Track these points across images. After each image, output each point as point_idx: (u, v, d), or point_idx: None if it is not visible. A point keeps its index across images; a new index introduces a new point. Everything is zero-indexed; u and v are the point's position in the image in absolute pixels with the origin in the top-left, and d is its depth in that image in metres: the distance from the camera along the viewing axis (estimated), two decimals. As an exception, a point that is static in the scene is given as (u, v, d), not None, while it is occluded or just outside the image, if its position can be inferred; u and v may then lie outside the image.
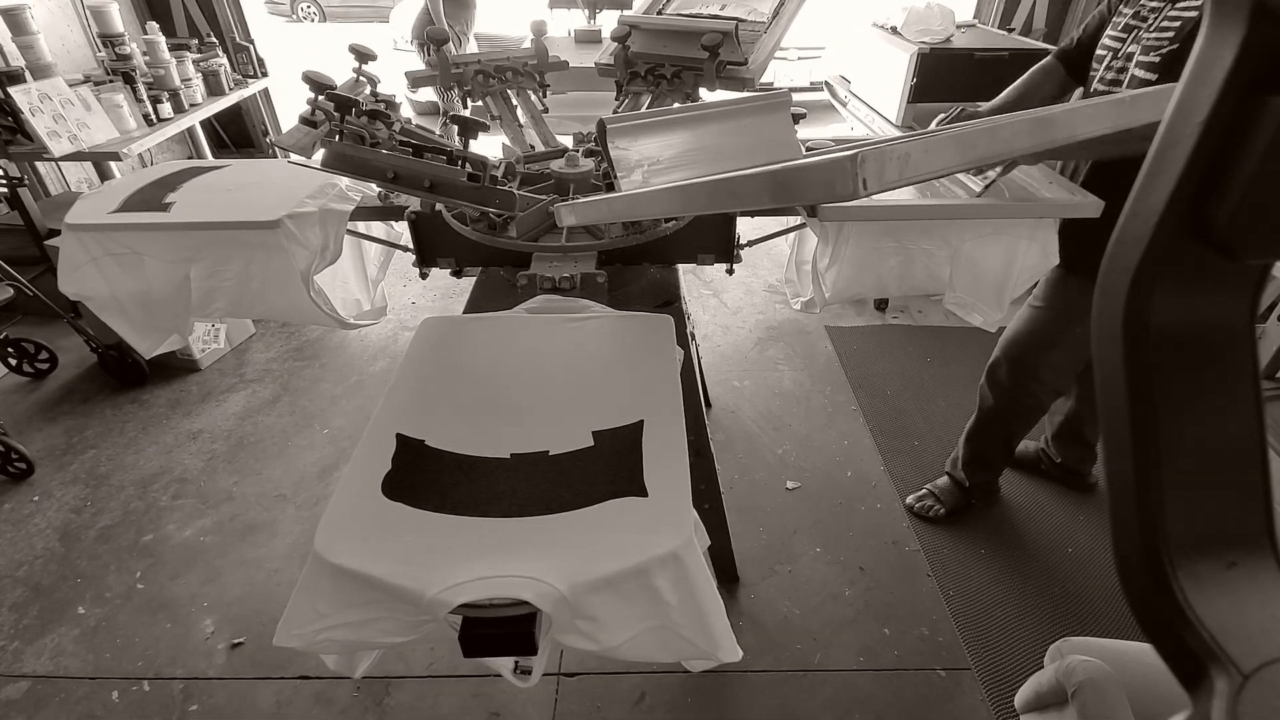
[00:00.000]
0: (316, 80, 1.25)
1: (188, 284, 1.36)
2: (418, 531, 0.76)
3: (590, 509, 0.78)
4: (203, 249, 1.35)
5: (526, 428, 0.89)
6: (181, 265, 1.35)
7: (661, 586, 0.73)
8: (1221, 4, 0.27)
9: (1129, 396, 0.33)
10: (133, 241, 1.33)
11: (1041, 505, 2.18)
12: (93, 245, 1.33)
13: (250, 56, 3.84)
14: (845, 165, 0.44)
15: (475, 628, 0.70)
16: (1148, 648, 0.36)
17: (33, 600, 1.91)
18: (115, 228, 1.33)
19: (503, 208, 1.19)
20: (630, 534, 0.75)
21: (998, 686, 1.68)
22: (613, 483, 0.80)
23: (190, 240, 1.34)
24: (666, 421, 0.90)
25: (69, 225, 1.32)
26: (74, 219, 1.32)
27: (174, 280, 1.36)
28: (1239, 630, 0.32)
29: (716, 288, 3.44)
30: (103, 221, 1.33)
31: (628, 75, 1.66)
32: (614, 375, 1.00)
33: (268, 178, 1.55)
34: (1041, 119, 0.52)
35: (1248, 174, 0.28)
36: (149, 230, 1.34)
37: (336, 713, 1.64)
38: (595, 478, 0.81)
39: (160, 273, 1.35)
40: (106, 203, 1.38)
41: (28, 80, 2.63)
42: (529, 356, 1.05)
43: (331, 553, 0.74)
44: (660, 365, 1.00)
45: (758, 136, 1.31)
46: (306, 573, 0.77)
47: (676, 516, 0.77)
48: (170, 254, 1.35)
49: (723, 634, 0.80)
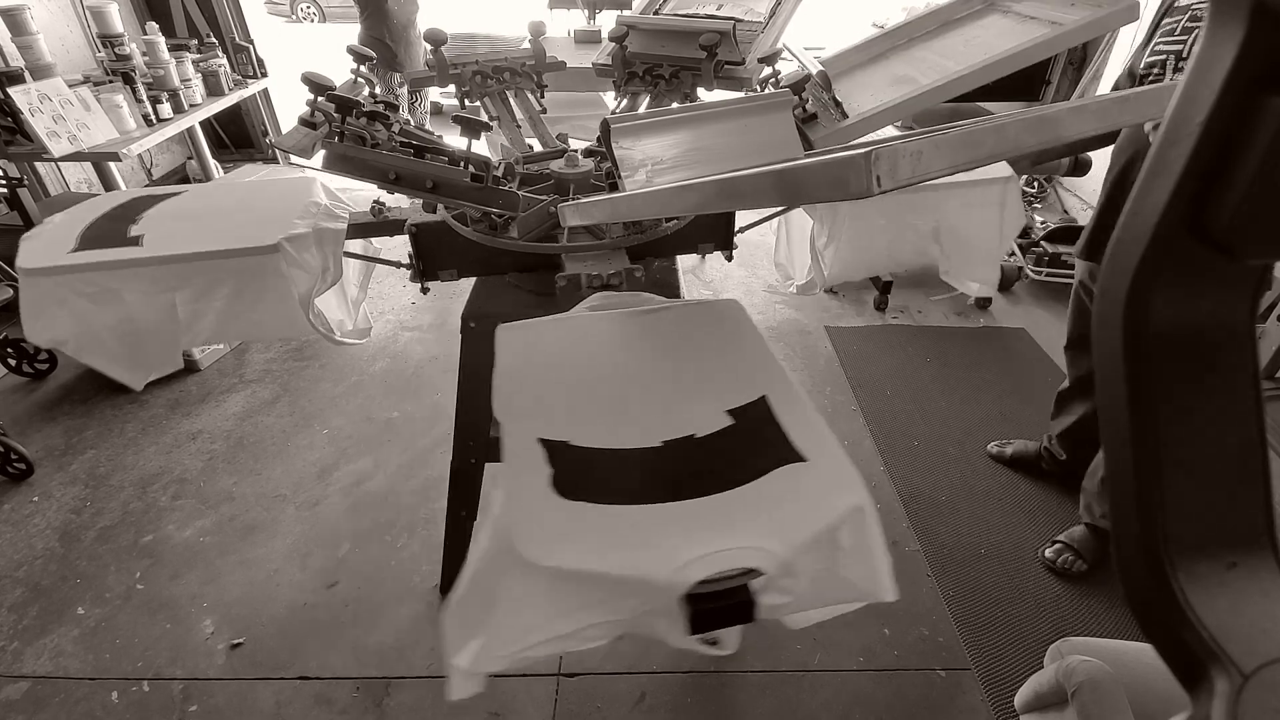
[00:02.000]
0: (316, 81, 1.25)
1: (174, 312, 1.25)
2: (616, 524, 0.75)
3: (763, 480, 0.79)
4: (190, 278, 1.25)
5: (661, 416, 0.90)
6: (165, 295, 1.25)
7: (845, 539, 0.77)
8: (1221, 4, 0.27)
9: (1129, 396, 0.33)
10: (107, 280, 1.21)
11: (1042, 505, 2.19)
12: (60, 288, 1.20)
13: (250, 57, 3.84)
14: (859, 163, 0.44)
15: (699, 603, 0.71)
16: (1148, 648, 0.36)
17: (33, 600, 1.90)
18: (92, 267, 1.20)
19: (505, 208, 1.19)
20: (813, 495, 0.78)
21: (998, 686, 1.68)
22: (771, 454, 0.82)
23: (175, 270, 1.24)
24: (786, 393, 0.93)
25: (27, 271, 1.18)
26: (31, 263, 1.19)
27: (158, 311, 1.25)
28: (1239, 630, 0.32)
29: (716, 288, 3.44)
30: (75, 263, 1.20)
31: (625, 75, 1.66)
32: (713, 359, 1.02)
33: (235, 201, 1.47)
34: (1046, 117, 0.52)
35: (1248, 174, 0.28)
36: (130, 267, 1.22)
37: (336, 713, 1.64)
38: (752, 452, 0.83)
39: (142, 305, 1.24)
40: (59, 242, 1.26)
41: (27, 80, 2.63)
42: (627, 351, 1.04)
43: (544, 557, 0.70)
44: (751, 344, 1.03)
45: (760, 136, 1.31)
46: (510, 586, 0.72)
47: (845, 473, 0.81)
48: (152, 287, 1.24)
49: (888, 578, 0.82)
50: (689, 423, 0.87)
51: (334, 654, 1.76)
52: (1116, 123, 0.58)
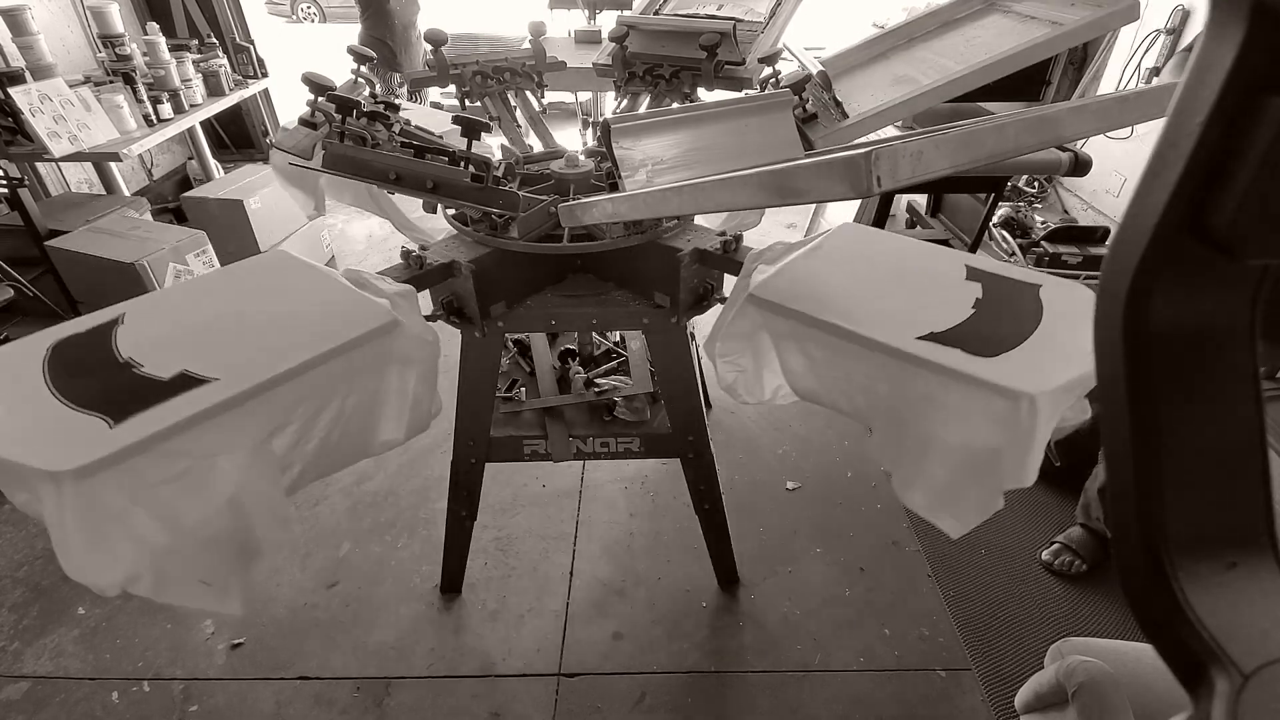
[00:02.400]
0: (316, 82, 1.25)
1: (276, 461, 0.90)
2: None
3: None
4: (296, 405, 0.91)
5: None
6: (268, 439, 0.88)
7: None
8: (1221, 4, 0.27)
9: (1129, 396, 0.33)
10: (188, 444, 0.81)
11: (1041, 506, 2.18)
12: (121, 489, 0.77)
13: (250, 57, 3.84)
14: (859, 163, 0.44)
15: None
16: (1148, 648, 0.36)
17: (33, 600, 1.91)
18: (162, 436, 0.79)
19: (506, 208, 1.19)
20: None
21: (998, 687, 1.68)
22: None
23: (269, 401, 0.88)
24: None
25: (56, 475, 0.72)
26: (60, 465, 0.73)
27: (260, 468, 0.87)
28: (1239, 630, 0.32)
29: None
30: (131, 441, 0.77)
31: (626, 75, 1.67)
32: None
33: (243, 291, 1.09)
34: (1046, 118, 0.52)
35: (1248, 174, 0.28)
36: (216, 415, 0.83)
37: (336, 713, 1.64)
38: None
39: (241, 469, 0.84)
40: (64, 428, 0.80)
41: (28, 81, 2.63)
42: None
43: None
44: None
45: (761, 136, 1.31)
46: None
47: None
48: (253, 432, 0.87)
49: None
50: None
51: (334, 654, 1.76)
52: (1117, 123, 0.59)
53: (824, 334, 0.98)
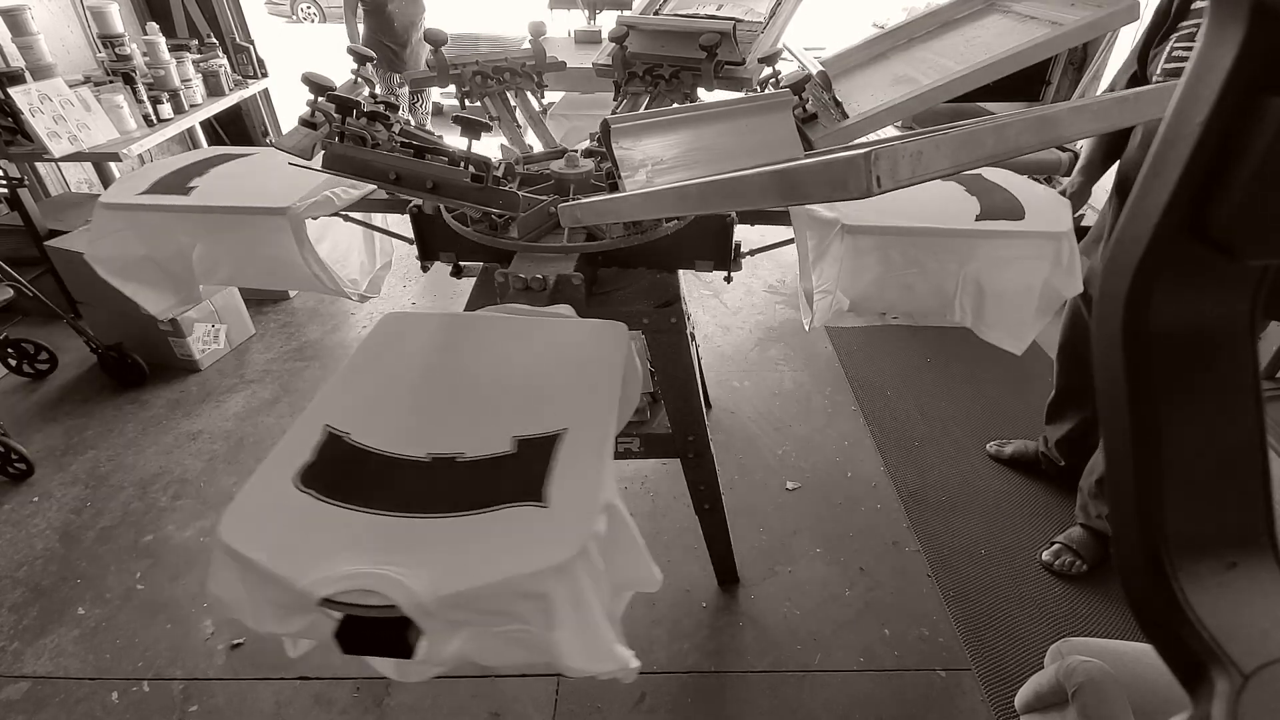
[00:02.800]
0: (316, 82, 1.25)
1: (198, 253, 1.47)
2: (315, 523, 0.76)
3: (485, 515, 0.76)
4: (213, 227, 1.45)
5: (450, 429, 0.88)
6: (190, 239, 1.46)
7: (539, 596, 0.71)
8: (1221, 4, 0.27)
9: (1129, 397, 0.33)
10: (152, 219, 1.45)
11: (1041, 505, 2.18)
12: (118, 220, 1.45)
13: (250, 57, 3.84)
14: (859, 163, 0.44)
15: (350, 626, 0.70)
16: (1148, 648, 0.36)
17: (33, 601, 1.90)
18: (142, 208, 1.46)
19: (505, 208, 1.19)
20: (519, 544, 0.73)
21: (998, 687, 1.68)
22: (514, 490, 0.79)
23: (202, 219, 1.46)
24: (591, 433, 0.87)
25: (102, 204, 1.47)
26: (107, 198, 1.48)
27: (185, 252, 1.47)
28: (1239, 630, 0.32)
29: (716, 288, 3.44)
30: (129, 201, 1.46)
31: (626, 76, 1.66)
32: (551, 381, 0.98)
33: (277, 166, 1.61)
34: (1047, 118, 0.52)
35: (1248, 174, 0.28)
36: (170, 212, 1.45)
37: (336, 713, 1.64)
38: (500, 484, 0.80)
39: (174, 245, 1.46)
40: (139, 184, 1.52)
41: (28, 81, 2.63)
42: (473, 357, 1.04)
43: (231, 536, 0.74)
44: (603, 373, 0.98)
45: (761, 136, 1.31)
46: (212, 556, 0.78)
47: (572, 530, 0.74)
48: (186, 231, 1.45)
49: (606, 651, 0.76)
50: (466, 442, 0.86)
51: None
52: (1117, 123, 0.59)
53: (907, 238, 1.32)
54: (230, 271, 1.49)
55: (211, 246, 1.46)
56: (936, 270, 1.33)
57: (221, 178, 1.57)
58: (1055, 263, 1.29)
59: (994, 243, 1.30)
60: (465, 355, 1.05)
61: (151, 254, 1.46)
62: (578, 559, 0.71)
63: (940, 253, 1.32)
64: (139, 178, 1.54)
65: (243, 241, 1.45)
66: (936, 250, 1.32)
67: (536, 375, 1.00)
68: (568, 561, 0.70)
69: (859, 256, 1.32)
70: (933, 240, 1.32)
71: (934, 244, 1.32)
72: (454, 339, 1.09)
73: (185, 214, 1.44)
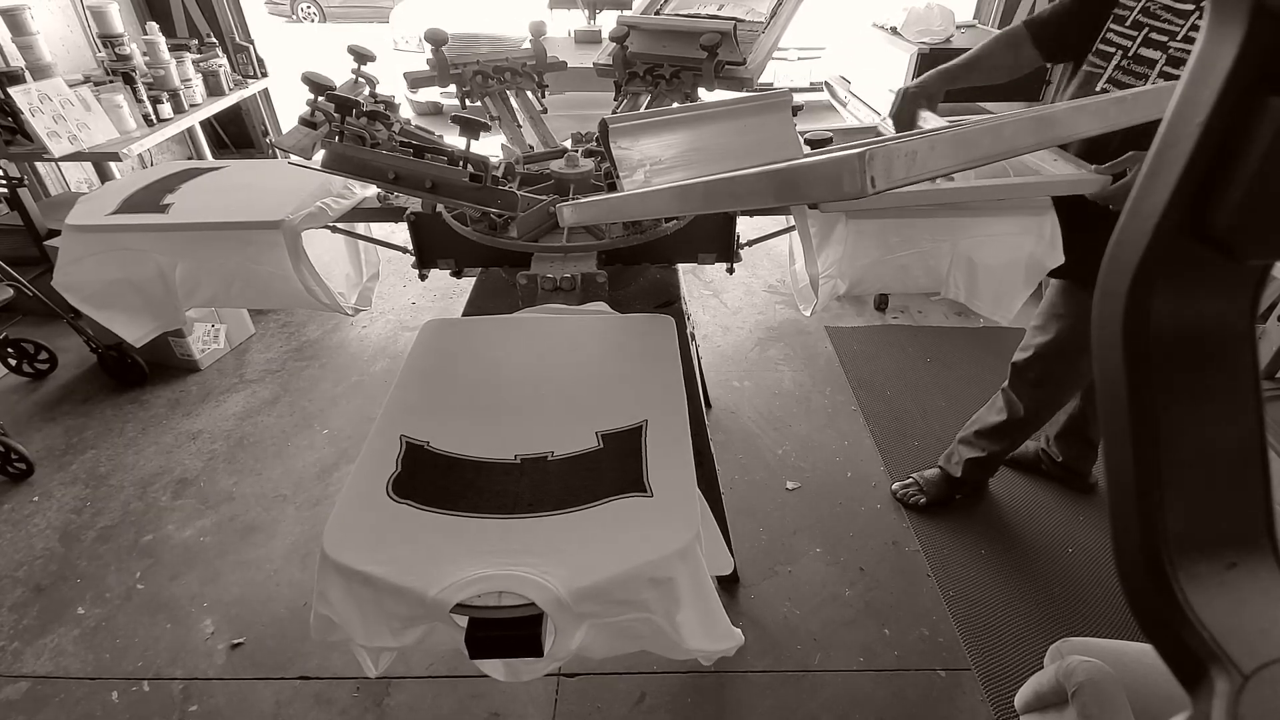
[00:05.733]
0: (316, 81, 1.25)
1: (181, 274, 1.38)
2: (424, 531, 0.76)
3: (594, 509, 0.78)
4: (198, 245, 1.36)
5: (530, 430, 0.90)
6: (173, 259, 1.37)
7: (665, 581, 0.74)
8: (1221, 4, 0.27)
9: (1129, 397, 0.33)
10: (129, 240, 1.35)
11: (1041, 505, 2.18)
12: (91, 243, 1.35)
13: (250, 57, 3.83)
14: (853, 163, 0.44)
15: (481, 629, 0.70)
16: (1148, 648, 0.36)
17: (33, 600, 1.90)
18: (117, 229, 1.35)
19: (504, 208, 1.19)
20: (635, 532, 0.76)
21: (998, 687, 1.68)
22: (616, 483, 0.81)
23: (185, 238, 1.36)
24: (670, 423, 0.91)
25: (69, 226, 1.35)
26: (74, 220, 1.36)
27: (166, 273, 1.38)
28: (1239, 630, 0.32)
29: (716, 288, 3.44)
30: (101, 223, 1.35)
31: (626, 75, 1.66)
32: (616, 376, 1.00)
33: (265, 178, 1.56)
34: (1044, 118, 0.52)
35: (1248, 174, 0.28)
36: (148, 231, 1.35)
37: (336, 713, 1.64)
38: (600, 478, 0.82)
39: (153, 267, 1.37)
40: (106, 203, 1.40)
41: (28, 80, 2.63)
42: (531, 358, 1.05)
43: (338, 553, 0.74)
44: (665, 366, 1.01)
45: (759, 136, 1.31)
46: (318, 576, 0.77)
47: (682, 514, 0.78)
48: (166, 251, 1.36)
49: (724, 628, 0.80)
50: (550, 440, 0.87)
51: (334, 654, 1.76)
52: (1115, 123, 0.58)
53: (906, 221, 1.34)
54: (213, 291, 1.40)
55: (195, 266, 1.36)
56: (931, 250, 1.38)
57: (198, 193, 1.47)
58: (1039, 236, 1.37)
59: (985, 220, 1.36)
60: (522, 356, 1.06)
61: (128, 277, 1.36)
62: (695, 542, 0.75)
63: (937, 232, 1.37)
64: (104, 197, 1.44)
65: (230, 258, 1.36)
66: (934, 230, 1.36)
67: (601, 371, 1.02)
68: (688, 545, 0.74)
69: (860, 240, 1.35)
70: (931, 222, 1.36)
71: (932, 225, 1.36)
72: (505, 341, 1.09)
73: (166, 233, 1.35)
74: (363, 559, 0.73)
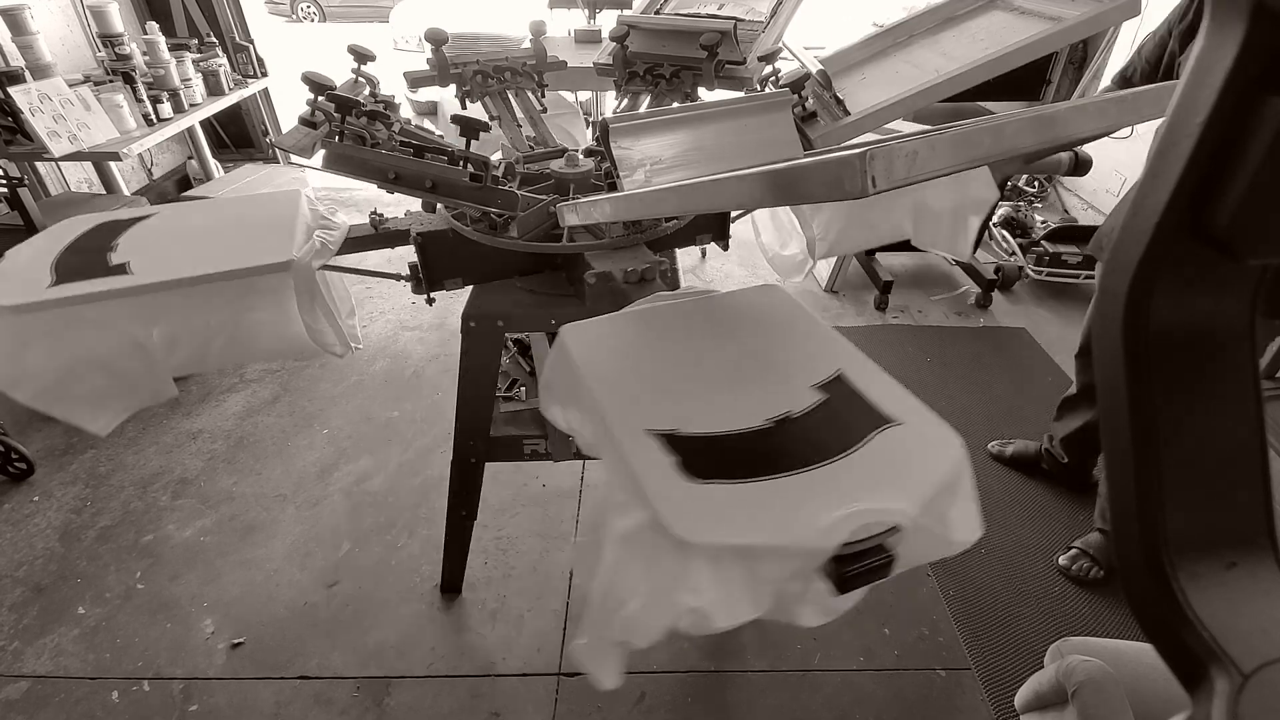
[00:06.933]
0: (316, 81, 1.25)
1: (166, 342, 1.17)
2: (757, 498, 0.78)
3: (867, 445, 0.82)
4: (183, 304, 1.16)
5: (755, 399, 0.92)
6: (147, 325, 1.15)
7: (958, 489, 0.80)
8: (1221, 4, 0.27)
9: (1129, 397, 0.33)
10: (92, 313, 1.11)
11: (1042, 505, 2.18)
12: (36, 325, 1.09)
13: (250, 56, 3.84)
14: (854, 163, 0.44)
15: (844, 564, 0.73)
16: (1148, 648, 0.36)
17: (33, 600, 1.91)
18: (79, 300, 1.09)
19: (505, 208, 1.19)
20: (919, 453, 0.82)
21: (998, 686, 1.68)
22: (865, 421, 0.86)
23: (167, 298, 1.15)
24: (860, 365, 0.96)
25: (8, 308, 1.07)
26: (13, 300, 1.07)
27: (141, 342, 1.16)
28: (1239, 630, 0.32)
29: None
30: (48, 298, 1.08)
31: (626, 75, 1.66)
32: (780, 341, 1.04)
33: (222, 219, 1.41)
34: (1044, 117, 0.52)
35: (1248, 174, 0.28)
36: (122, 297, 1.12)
37: (336, 713, 1.64)
38: (851, 421, 0.86)
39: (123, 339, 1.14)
40: (34, 276, 1.14)
41: (28, 80, 2.63)
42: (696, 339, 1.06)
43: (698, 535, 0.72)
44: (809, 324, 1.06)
45: (760, 135, 1.31)
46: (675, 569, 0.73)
47: (938, 429, 0.85)
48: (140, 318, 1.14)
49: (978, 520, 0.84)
50: (779, 403, 0.90)
51: (334, 654, 1.76)
52: (1116, 123, 0.58)
53: None
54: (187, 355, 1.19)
55: (170, 329, 1.16)
56: (893, 205, 1.53)
57: (151, 246, 1.24)
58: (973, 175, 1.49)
59: None
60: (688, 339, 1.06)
61: (93, 356, 1.13)
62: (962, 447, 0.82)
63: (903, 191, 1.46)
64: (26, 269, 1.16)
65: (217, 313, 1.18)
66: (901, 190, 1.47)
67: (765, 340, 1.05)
68: (963, 451, 0.82)
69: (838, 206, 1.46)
70: None
71: None
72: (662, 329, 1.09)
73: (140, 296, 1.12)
74: (733, 534, 0.73)
